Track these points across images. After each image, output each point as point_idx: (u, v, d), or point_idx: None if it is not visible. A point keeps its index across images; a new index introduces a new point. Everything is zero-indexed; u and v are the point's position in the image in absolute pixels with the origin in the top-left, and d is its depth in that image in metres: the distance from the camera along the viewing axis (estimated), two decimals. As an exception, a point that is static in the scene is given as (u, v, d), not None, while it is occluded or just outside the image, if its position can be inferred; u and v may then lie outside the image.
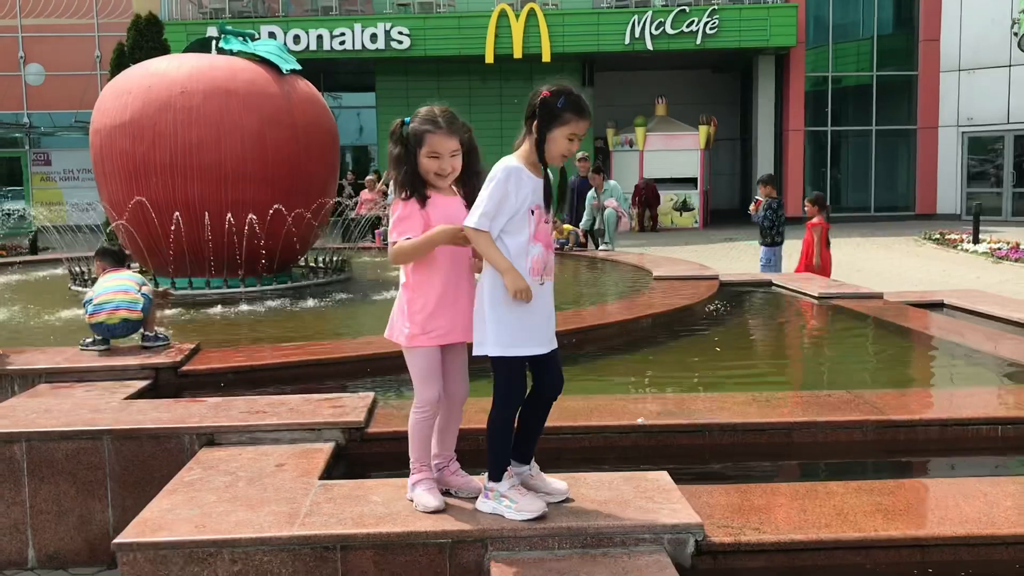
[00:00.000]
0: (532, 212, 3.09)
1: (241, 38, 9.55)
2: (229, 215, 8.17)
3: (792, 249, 11.39)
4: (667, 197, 25.23)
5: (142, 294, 5.53)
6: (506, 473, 3.17)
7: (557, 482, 3.30)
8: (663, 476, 3.50)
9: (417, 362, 3.29)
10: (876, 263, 15.64)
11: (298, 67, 9.26)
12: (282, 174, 8.50)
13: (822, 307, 7.81)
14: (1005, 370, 5.45)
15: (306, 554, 3.06)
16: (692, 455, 4.15)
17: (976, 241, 17.42)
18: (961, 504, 3.33)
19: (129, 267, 6.35)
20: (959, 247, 17.31)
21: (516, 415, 3.19)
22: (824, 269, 9.88)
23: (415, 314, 3.23)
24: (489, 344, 3.10)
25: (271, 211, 8.26)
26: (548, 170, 3.17)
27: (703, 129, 25.29)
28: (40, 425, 4.13)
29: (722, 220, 25.79)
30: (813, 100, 26.82)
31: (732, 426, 4.20)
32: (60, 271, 10.42)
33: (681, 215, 25.43)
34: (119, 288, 5.52)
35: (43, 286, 10.08)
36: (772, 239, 10.54)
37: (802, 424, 4.19)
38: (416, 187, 3.20)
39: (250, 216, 8.13)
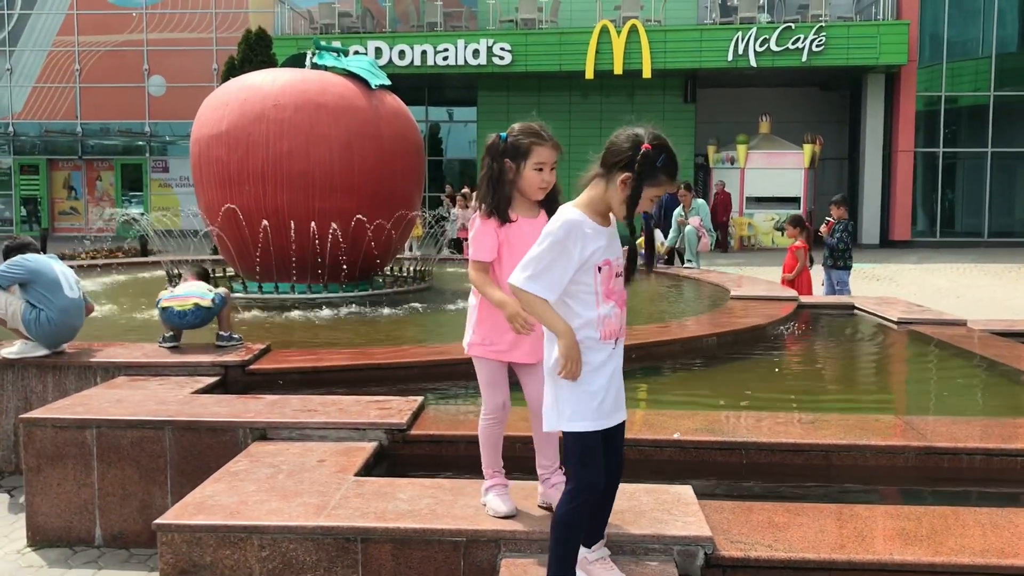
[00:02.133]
0: (599, 269, 2.80)
1: (334, 54, 9.93)
2: (313, 223, 8.51)
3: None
4: (768, 216, 24.84)
5: (215, 294, 5.86)
6: None
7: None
8: (686, 490, 3.53)
9: (480, 370, 3.37)
10: (979, 290, 15.05)
11: (387, 82, 9.57)
12: (366, 184, 8.81)
13: (899, 332, 7.62)
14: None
15: (329, 544, 3.23)
16: (726, 473, 4.16)
17: (1091, 270, 16.57)
18: (988, 533, 3.26)
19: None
20: (1072, 276, 16.50)
21: (589, 506, 2.85)
22: (801, 287, 10.07)
23: (479, 324, 3.30)
24: (552, 416, 2.86)
25: (353, 220, 8.56)
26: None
27: (807, 148, 24.83)
28: (110, 413, 4.44)
29: (824, 241, 25.19)
30: (925, 120, 26.02)
31: (769, 445, 4.19)
32: (161, 272, 11.00)
33: (783, 235, 24.95)
34: (192, 289, 5.87)
35: (142, 286, 10.66)
36: (845, 262, 10.43)
37: (841, 447, 4.15)
38: (500, 207, 3.20)
39: (333, 224, 8.45)
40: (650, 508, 3.36)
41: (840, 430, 4.39)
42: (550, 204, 3.23)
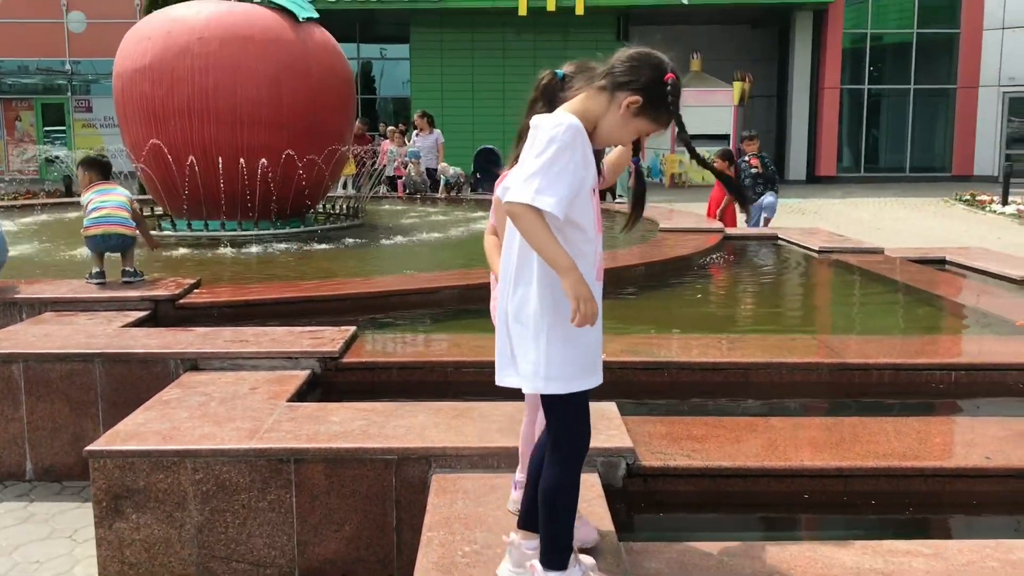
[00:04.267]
0: (593, 191, 2.37)
1: (260, -15, 9.68)
2: (242, 159, 8.40)
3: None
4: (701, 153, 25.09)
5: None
6: (572, 557, 2.41)
7: None
8: (610, 407, 3.66)
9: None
10: (898, 223, 15.53)
11: (315, 15, 9.40)
12: (296, 119, 8.69)
13: (820, 260, 7.88)
14: (976, 321, 5.53)
15: (262, 465, 3.29)
16: (651, 391, 4.32)
17: (1005, 203, 17.19)
18: (892, 439, 3.46)
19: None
20: (988, 208, 17.10)
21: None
22: (728, 219, 10.43)
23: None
24: (540, 378, 2.32)
25: (283, 156, 8.47)
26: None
27: (737, 85, 25.03)
28: (37, 347, 4.41)
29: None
30: (851, 57, 26.43)
31: (691, 364, 4.36)
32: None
33: (712, 171, 25.27)
34: (117, 204, 5.79)
35: (66, 226, 10.42)
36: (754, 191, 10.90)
37: (759, 364, 4.34)
38: None
39: (262, 160, 8.35)
40: (576, 424, 3.48)
41: (758, 349, 4.58)
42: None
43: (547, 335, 2.32)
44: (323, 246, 8.56)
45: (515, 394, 3.73)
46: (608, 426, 3.46)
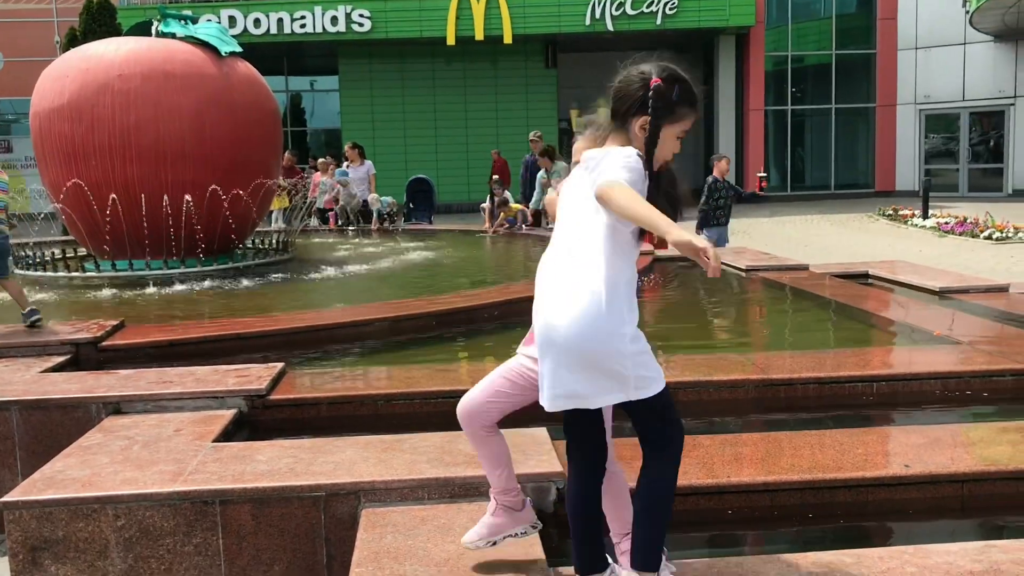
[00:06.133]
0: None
1: (181, 21, 9.60)
2: (166, 196, 8.27)
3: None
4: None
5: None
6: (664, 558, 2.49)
7: None
8: (540, 431, 3.67)
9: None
10: (825, 239, 15.90)
11: (238, 49, 9.34)
12: (220, 154, 8.60)
13: (748, 279, 8.03)
14: (898, 332, 5.68)
15: (186, 508, 3.22)
16: (582, 415, 4.32)
17: (925, 216, 17.73)
18: (816, 452, 3.53)
19: None
20: (909, 222, 17.62)
21: None
22: (662, 242, 10.27)
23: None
24: (646, 381, 2.39)
25: (208, 192, 8.36)
26: None
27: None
28: (-50, 397, 4.26)
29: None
30: (774, 80, 27.09)
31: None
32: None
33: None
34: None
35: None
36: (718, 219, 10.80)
37: (686, 384, 4.39)
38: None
39: (186, 197, 8.23)
40: (506, 451, 3.48)
41: (686, 369, 4.63)
42: None
43: (631, 342, 2.35)
44: (251, 282, 8.45)
45: (447, 425, 3.71)
46: (539, 451, 3.47)
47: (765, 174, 10.97)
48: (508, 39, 24.85)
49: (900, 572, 2.57)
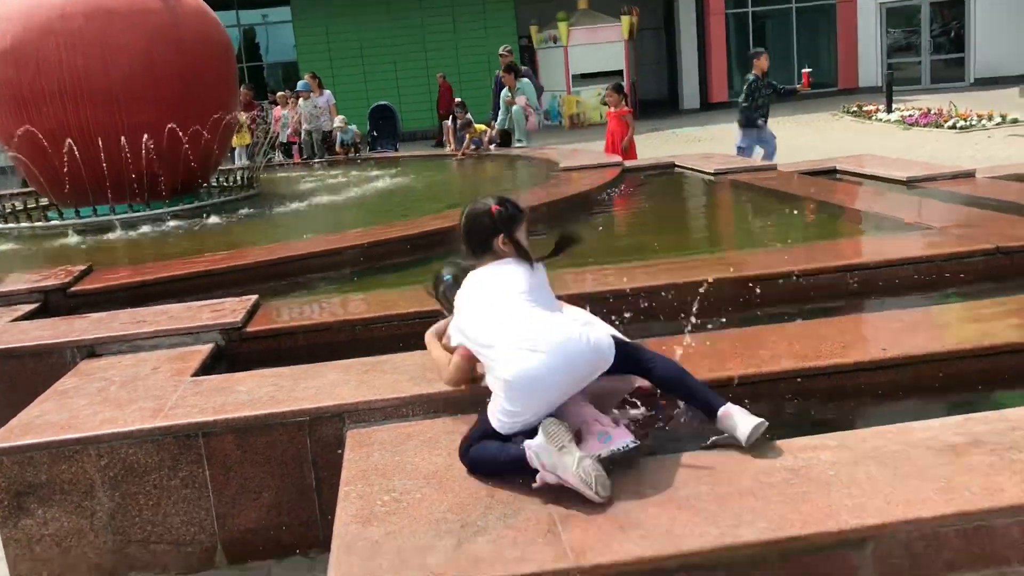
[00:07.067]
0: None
1: (120, -45, 9.23)
2: (123, 138, 8.07)
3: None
4: (595, 92, 25.14)
5: None
6: None
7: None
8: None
9: None
10: (791, 139, 15.83)
11: (182, -19, 9.02)
12: (173, 92, 8.38)
13: (717, 182, 8.00)
14: (869, 223, 5.70)
15: (169, 443, 3.20)
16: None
17: (889, 110, 17.71)
18: (793, 343, 3.55)
19: None
20: (874, 118, 17.60)
21: None
22: (632, 153, 10.35)
23: None
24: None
25: (166, 130, 8.17)
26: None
27: (625, 19, 25.10)
28: (-82, 352, 4.19)
29: (651, 111, 25.82)
30: (733, -19, 26.69)
31: (600, 295, 4.37)
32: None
33: (606, 106, 25.39)
34: None
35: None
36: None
37: (665, 286, 4.38)
38: None
39: (145, 137, 8.05)
40: (486, 364, 3.47)
41: (663, 272, 4.62)
42: None
43: None
44: (219, 220, 8.33)
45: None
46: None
47: (810, 69, 10.56)
48: (462, -44, 24.24)
49: (885, 450, 2.60)
